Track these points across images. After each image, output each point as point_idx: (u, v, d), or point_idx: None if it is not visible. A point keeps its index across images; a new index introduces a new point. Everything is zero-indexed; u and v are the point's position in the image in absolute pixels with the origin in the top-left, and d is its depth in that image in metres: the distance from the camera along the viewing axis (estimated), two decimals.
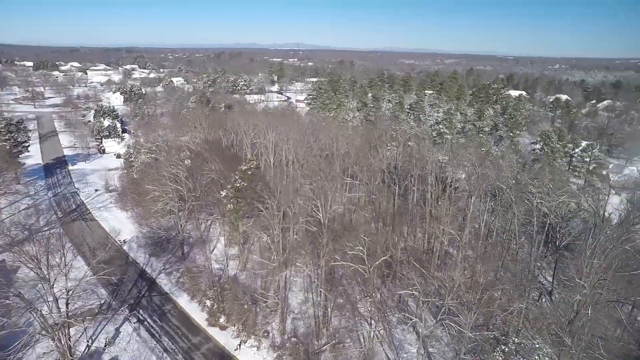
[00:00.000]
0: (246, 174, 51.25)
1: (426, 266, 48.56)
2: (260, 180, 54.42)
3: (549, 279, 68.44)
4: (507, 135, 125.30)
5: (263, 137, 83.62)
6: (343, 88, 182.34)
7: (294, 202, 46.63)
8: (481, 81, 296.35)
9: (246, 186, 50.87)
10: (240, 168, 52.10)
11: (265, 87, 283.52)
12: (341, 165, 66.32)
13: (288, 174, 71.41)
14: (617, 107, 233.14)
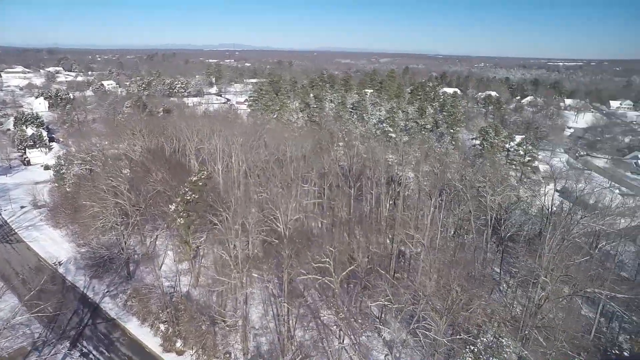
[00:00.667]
0: (196, 185, 47.95)
1: (396, 275, 48.08)
2: (211, 191, 51.27)
3: (497, 269, 71.31)
4: (448, 131, 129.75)
5: (208, 142, 79.96)
6: (284, 89, 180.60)
7: (251, 213, 44.17)
8: (417, 79, 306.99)
9: (197, 198, 47.59)
10: (189, 179, 48.66)
11: (203, 89, 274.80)
12: (295, 170, 64.45)
13: (239, 182, 68.30)
14: (538, 102, 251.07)
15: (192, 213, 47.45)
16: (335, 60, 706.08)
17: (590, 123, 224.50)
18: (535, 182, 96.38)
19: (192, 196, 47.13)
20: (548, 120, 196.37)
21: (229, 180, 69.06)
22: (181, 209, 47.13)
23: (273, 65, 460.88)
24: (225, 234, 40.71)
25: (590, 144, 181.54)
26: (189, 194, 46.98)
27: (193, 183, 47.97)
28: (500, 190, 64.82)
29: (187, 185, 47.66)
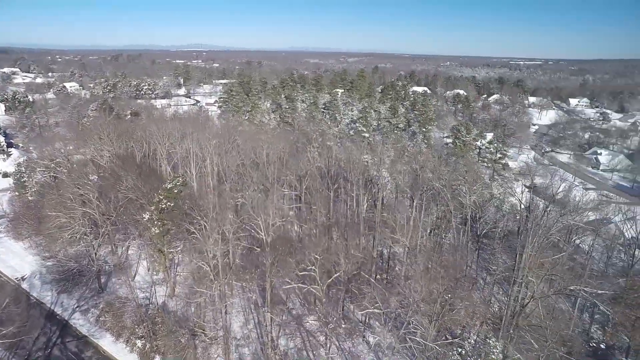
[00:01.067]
0: (171, 193, 45.83)
1: (378, 278, 47.40)
2: (187, 198, 49.25)
3: (473, 267, 72.17)
4: (420, 130, 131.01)
5: (179, 145, 77.48)
6: (255, 89, 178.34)
7: (229, 220, 42.58)
8: (386, 79, 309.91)
9: (172, 206, 45.52)
10: (164, 186, 46.44)
11: (171, 90, 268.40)
12: (272, 173, 63.00)
13: (215, 187, 66.16)
14: (503, 100, 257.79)
15: (167, 222, 45.40)
16: (304, 60, 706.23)
17: (553, 120, 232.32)
18: (506, 179, 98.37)
19: (167, 204, 45.02)
20: (515, 118, 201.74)
21: (203, 185, 66.94)
22: (156, 218, 44.98)
23: (242, 65, 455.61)
24: (203, 242, 38.98)
25: (554, 140, 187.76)
26: (164, 202, 44.84)
27: (168, 190, 45.87)
28: (477, 188, 65.73)
29: (161, 193, 45.48)
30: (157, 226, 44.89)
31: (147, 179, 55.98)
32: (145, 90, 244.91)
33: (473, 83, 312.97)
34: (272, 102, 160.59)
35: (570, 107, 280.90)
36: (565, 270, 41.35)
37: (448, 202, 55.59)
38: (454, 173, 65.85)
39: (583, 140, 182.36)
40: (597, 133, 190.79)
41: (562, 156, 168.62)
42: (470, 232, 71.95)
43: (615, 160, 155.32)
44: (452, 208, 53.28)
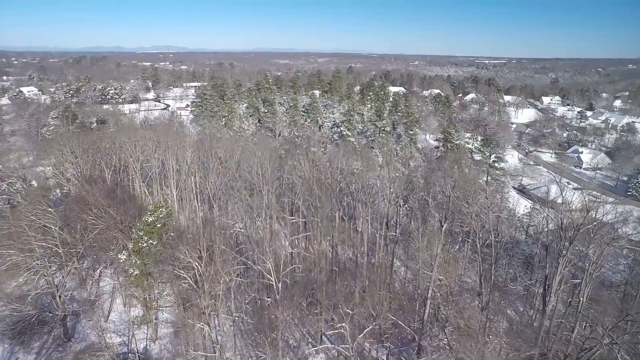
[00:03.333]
0: (154, 228, 38.25)
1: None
2: (173, 230, 41.34)
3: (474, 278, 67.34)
4: (407, 133, 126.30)
5: (154, 158, 69.33)
6: (230, 93, 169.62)
7: (233, 261, 35.11)
8: (361, 79, 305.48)
9: (156, 244, 37.93)
10: (144, 219, 38.75)
11: (139, 94, 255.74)
12: (267, 192, 55.32)
13: (204, 212, 57.96)
14: (479, 99, 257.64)
15: (148, 262, 37.80)
16: (274, 61, 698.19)
17: (531, 119, 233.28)
18: (503, 183, 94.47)
19: (148, 242, 37.44)
20: (495, 117, 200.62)
21: (187, 208, 58.81)
22: (135, 259, 37.29)
23: (212, 67, 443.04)
24: (200, 302, 31.53)
25: (534, 139, 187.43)
26: (144, 239, 37.37)
27: (149, 225, 38.18)
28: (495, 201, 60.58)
29: (140, 228, 37.88)
30: (138, 268, 37.24)
31: (120, 203, 48.10)
32: (112, 95, 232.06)
33: (448, 82, 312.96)
34: (249, 106, 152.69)
35: (544, 105, 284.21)
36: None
37: (467, 219, 49.68)
38: (468, 183, 60.15)
39: (562, 138, 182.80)
40: (574, 131, 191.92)
41: (544, 155, 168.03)
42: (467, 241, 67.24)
43: (597, 158, 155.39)
44: (476, 228, 47.20)
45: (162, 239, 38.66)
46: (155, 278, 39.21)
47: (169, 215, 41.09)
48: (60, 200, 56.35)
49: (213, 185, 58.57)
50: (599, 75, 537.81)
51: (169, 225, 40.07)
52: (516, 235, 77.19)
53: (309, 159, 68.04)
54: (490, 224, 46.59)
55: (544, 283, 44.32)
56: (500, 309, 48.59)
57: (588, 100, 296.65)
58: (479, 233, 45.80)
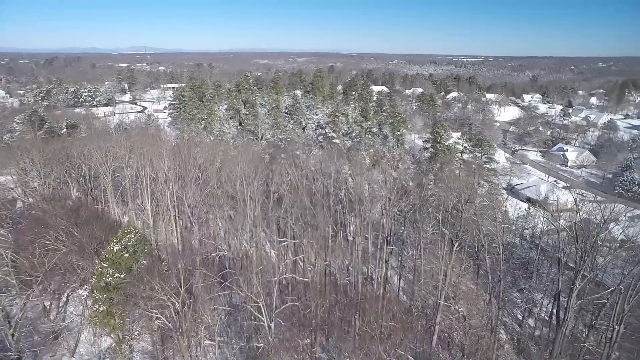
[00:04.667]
0: (121, 258, 32.76)
1: None
2: (146, 257, 35.80)
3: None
4: (393, 134, 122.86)
5: (128, 167, 63.82)
6: (209, 94, 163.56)
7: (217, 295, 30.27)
8: (343, 78, 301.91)
9: (123, 278, 32.51)
10: (109, 247, 33.23)
11: (115, 97, 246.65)
12: (253, 209, 50.16)
13: (181, 231, 52.21)
14: (462, 97, 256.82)
15: (115, 297, 32.33)
16: (254, 61, 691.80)
17: (514, 116, 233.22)
18: (495, 186, 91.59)
19: (114, 275, 31.92)
20: (479, 116, 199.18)
21: (163, 227, 53.19)
22: (99, 296, 31.93)
23: (191, 68, 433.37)
24: (179, 345, 26.73)
25: (519, 137, 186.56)
26: (108, 272, 31.99)
27: (115, 254, 32.60)
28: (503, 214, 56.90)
29: (105, 258, 32.51)
30: (105, 303, 31.87)
31: (86, 222, 42.67)
32: (85, 97, 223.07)
33: (430, 81, 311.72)
34: (229, 107, 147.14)
35: (525, 103, 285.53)
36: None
37: (476, 230, 45.35)
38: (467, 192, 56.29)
39: (546, 136, 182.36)
40: (557, 129, 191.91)
41: (530, 153, 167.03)
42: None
43: (582, 156, 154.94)
44: (484, 243, 42.98)
45: (132, 271, 33.33)
46: (124, 317, 33.96)
47: (140, 241, 35.63)
48: (20, 218, 50.50)
49: (192, 198, 53.22)
50: (572, 73, 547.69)
51: (140, 253, 34.75)
52: (512, 239, 74.39)
53: (297, 168, 63.41)
54: (500, 240, 42.69)
55: (556, 299, 40.91)
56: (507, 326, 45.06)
57: (567, 98, 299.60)
58: (485, 245, 42.06)
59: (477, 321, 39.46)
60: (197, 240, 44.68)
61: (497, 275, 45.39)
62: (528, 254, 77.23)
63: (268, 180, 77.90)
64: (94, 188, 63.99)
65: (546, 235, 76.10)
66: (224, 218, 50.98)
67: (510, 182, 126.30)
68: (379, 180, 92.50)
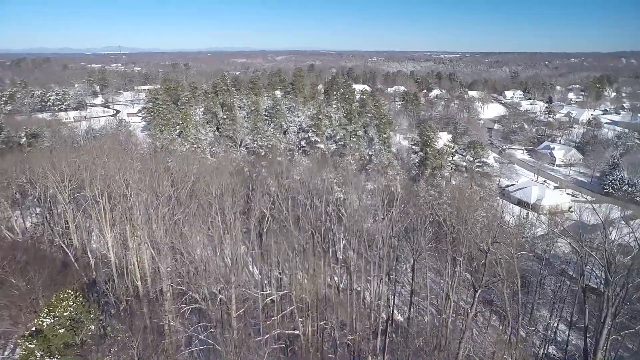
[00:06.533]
0: (55, 335, 23.53)
1: None
2: (93, 321, 27.69)
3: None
4: (379, 137, 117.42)
5: (91, 185, 56.21)
6: (185, 97, 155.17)
7: None
8: (323, 77, 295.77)
9: (70, 334, 25.11)
10: (37, 322, 24.39)
11: (86, 100, 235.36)
12: (233, 225, 43.55)
13: (151, 282, 43.61)
14: (444, 95, 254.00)
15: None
16: (231, 60, 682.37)
17: (497, 114, 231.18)
18: (490, 192, 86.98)
19: (57, 331, 24.58)
20: (464, 114, 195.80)
21: (131, 252, 45.54)
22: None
23: (167, 68, 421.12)
24: None
25: (504, 135, 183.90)
26: (37, 356, 24.48)
27: (60, 300, 25.27)
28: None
29: (26, 336, 24.63)
30: None
31: (36, 257, 35.67)
32: (54, 101, 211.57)
33: (412, 79, 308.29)
34: (206, 111, 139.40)
35: (507, 100, 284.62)
36: None
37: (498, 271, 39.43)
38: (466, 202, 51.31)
39: (532, 134, 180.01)
40: (542, 127, 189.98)
41: (517, 152, 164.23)
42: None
43: (569, 154, 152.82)
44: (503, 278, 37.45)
45: (74, 347, 26.06)
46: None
47: (82, 309, 27.48)
48: None
49: (164, 219, 45.66)
50: (548, 69, 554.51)
51: (86, 320, 27.12)
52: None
53: (281, 187, 57.10)
54: (518, 272, 37.29)
55: (584, 334, 35.86)
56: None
57: (547, 94, 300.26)
58: (503, 279, 36.59)
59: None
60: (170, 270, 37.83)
61: (514, 310, 40.14)
62: (526, 263, 72.80)
63: (249, 191, 71.76)
64: (50, 212, 56.46)
65: (541, 240, 71.97)
66: (201, 242, 44.61)
67: (500, 183, 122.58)
68: (367, 188, 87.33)
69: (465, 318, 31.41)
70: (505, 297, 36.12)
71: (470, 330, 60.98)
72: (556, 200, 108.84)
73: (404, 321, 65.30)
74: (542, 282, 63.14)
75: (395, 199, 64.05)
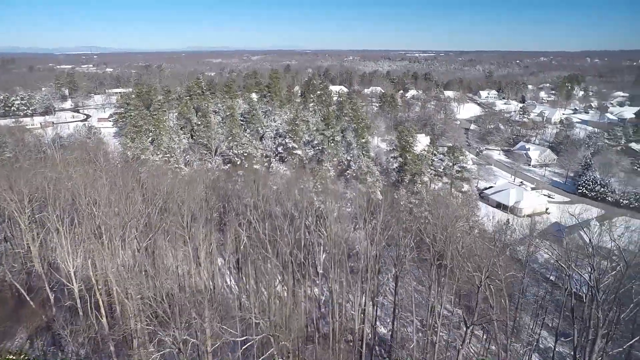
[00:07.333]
0: None
1: None
2: None
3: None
4: (357, 141, 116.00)
5: (52, 207, 52.25)
6: (158, 102, 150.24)
7: None
8: (299, 78, 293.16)
9: None
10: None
11: (54, 104, 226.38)
12: (207, 240, 40.72)
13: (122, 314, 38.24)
14: (420, 96, 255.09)
15: None
16: (207, 60, 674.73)
17: (473, 114, 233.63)
18: (470, 197, 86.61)
19: None
20: (441, 115, 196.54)
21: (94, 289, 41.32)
22: None
23: (139, 69, 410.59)
24: None
25: (481, 136, 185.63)
26: None
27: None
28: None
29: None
30: None
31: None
32: (18, 106, 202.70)
33: (388, 79, 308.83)
34: (180, 116, 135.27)
35: (482, 100, 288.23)
36: None
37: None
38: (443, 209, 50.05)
39: (507, 134, 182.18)
40: (517, 127, 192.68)
41: (494, 153, 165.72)
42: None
43: (544, 155, 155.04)
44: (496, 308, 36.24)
45: None
46: None
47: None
48: None
49: (130, 255, 42.50)
50: (519, 67, 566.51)
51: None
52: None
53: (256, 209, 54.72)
54: (505, 291, 36.26)
55: (573, 354, 34.94)
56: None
57: (520, 93, 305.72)
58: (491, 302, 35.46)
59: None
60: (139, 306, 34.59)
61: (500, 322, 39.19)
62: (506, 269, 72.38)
63: (225, 204, 69.18)
64: (11, 232, 52.61)
65: (521, 245, 71.77)
66: (174, 273, 41.94)
67: (478, 186, 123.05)
68: (347, 196, 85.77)
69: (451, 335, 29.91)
70: (495, 324, 34.94)
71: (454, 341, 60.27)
72: (533, 202, 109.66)
73: (387, 334, 64.11)
74: (524, 291, 62.80)
75: (375, 209, 62.69)
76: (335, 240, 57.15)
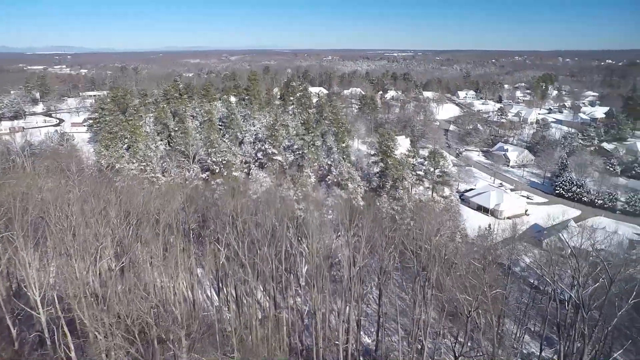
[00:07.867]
0: None
1: None
2: None
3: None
4: (338, 146, 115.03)
5: (20, 224, 49.47)
6: (134, 106, 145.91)
7: None
8: (278, 79, 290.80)
9: None
10: None
11: (24, 108, 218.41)
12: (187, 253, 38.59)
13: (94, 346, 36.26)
14: (400, 96, 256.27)
15: None
16: (185, 61, 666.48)
17: (452, 114, 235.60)
18: (450, 201, 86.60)
19: None
20: (420, 116, 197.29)
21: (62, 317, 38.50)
22: None
23: (115, 71, 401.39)
24: None
25: (460, 137, 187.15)
26: None
27: None
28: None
29: None
30: None
31: None
32: None
33: (367, 80, 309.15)
34: (157, 121, 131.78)
35: (461, 100, 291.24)
36: None
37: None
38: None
39: (486, 135, 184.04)
40: (495, 127, 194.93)
41: (473, 154, 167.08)
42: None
43: (522, 155, 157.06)
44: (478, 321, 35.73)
45: None
46: None
47: None
48: None
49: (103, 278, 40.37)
50: (495, 67, 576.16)
51: None
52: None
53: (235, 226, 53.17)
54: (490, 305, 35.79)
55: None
56: None
57: (497, 93, 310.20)
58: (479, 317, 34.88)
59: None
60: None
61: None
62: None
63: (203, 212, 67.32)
64: None
65: (502, 247, 71.99)
66: (152, 280, 40.12)
67: (459, 188, 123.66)
68: (327, 203, 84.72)
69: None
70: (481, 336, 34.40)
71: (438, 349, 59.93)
72: (513, 204, 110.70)
73: (372, 344, 63.34)
74: (506, 297, 62.91)
75: (357, 217, 61.87)
76: (317, 251, 56.07)
